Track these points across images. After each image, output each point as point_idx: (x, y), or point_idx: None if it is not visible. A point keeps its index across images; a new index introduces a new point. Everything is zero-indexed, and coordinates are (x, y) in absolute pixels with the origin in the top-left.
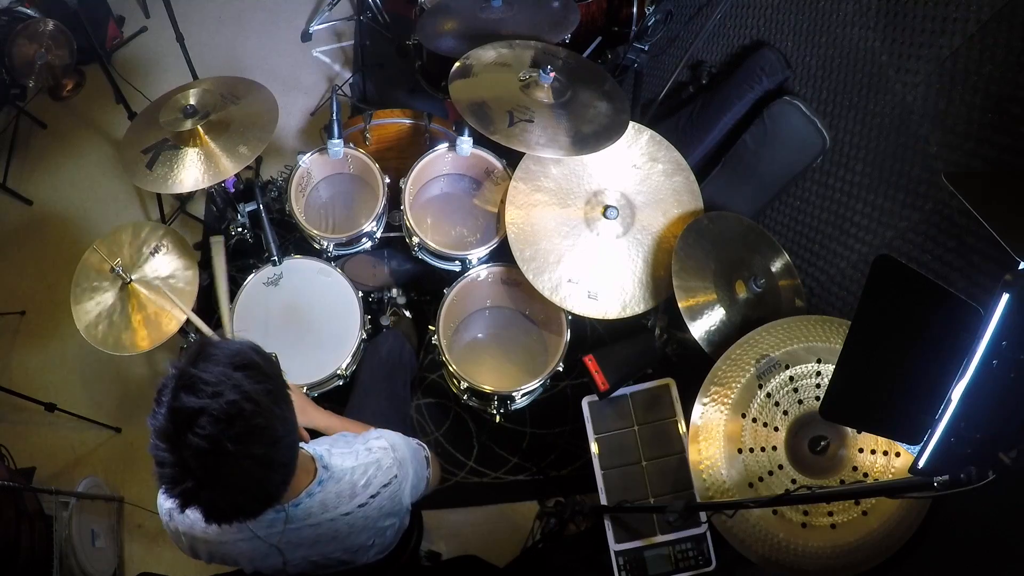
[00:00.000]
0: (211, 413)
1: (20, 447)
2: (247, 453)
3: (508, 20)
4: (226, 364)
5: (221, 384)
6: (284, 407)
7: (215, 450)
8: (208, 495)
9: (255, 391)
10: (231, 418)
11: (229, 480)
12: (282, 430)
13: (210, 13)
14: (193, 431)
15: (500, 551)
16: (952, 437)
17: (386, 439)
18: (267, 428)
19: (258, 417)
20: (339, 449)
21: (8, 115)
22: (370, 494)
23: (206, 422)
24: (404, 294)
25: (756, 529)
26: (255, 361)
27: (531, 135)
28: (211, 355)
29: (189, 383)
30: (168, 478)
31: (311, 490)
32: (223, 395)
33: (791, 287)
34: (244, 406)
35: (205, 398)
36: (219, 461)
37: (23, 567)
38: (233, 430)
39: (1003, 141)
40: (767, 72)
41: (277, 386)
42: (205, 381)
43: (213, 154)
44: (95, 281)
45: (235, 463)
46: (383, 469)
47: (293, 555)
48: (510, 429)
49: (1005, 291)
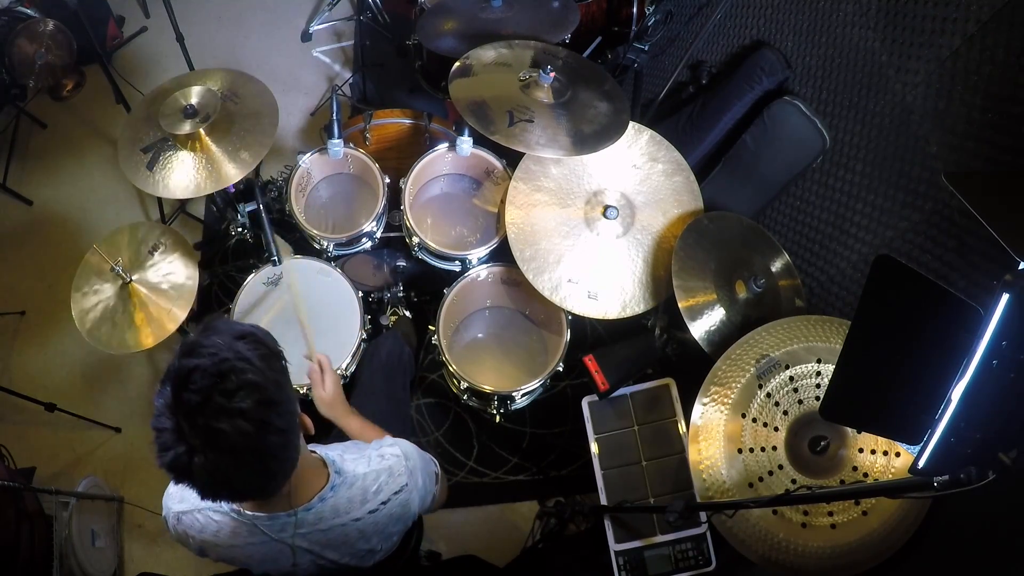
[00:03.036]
0: (204, 369)
1: (20, 447)
2: (239, 409)
3: (508, 20)
4: (228, 334)
5: (219, 347)
6: (281, 376)
7: (205, 404)
8: (200, 460)
9: (251, 354)
10: (223, 373)
11: (221, 440)
12: (277, 394)
13: (210, 13)
14: (187, 388)
15: (500, 551)
16: (952, 437)
17: (400, 447)
18: (260, 385)
19: (250, 373)
20: (351, 455)
21: (8, 115)
22: (381, 500)
23: (199, 377)
24: (404, 294)
25: (756, 529)
26: (256, 336)
27: (531, 135)
28: (216, 328)
29: (190, 348)
30: (161, 444)
31: (323, 495)
32: (218, 355)
33: (791, 287)
34: (237, 364)
35: (202, 358)
36: (210, 417)
37: (23, 567)
38: (224, 384)
39: (1003, 141)
40: (767, 72)
41: (275, 355)
42: (204, 345)
43: (214, 159)
44: (96, 284)
45: (227, 420)
46: (395, 476)
47: (302, 558)
48: (510, 429)
49: (1005, 291)
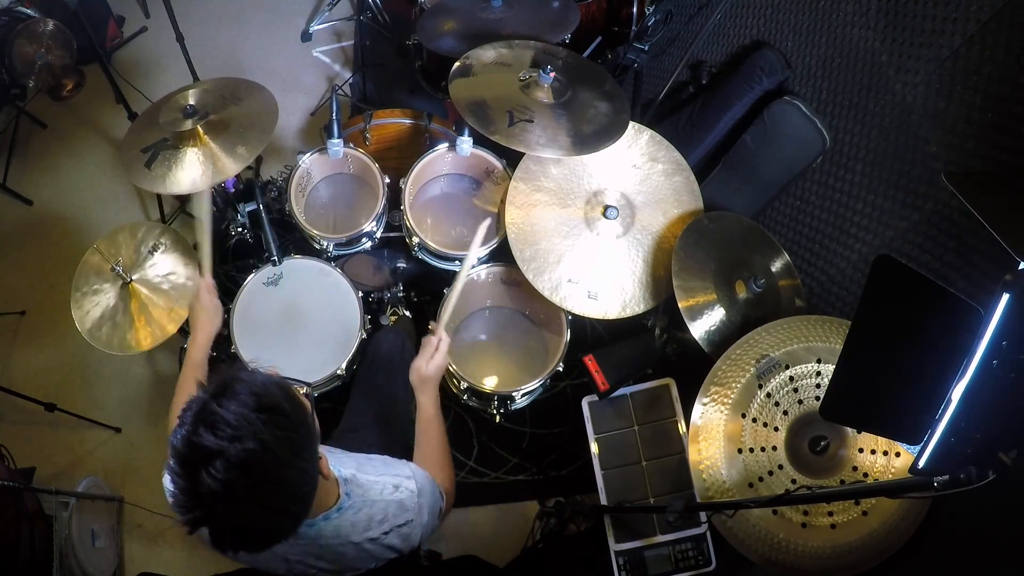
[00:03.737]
0: (227, 458)
1: (20, 447)
2: (258, 502)
3: (508, 20)
4: (250, 405)
5: (241, 428)
6: (304, 458)
7: (227, 494)
8: (215, 526)
9: (275, 440)
10: (247, 467)
11: (237, 520)
12: (298, 480)
13: (210, 13)
14: (208, 471)
15: (500, 551)
16: (952, 437)
17: (416, 482)
18: (283, 481)
19: (275, 468)
20: (366, 477)
21: (8, 115)
22: (383, 531)
23: (221, 466)
24: (404, 294)
25: (756, 529)
26: (280, 405)
27: (531, 135)
28: (236, 392)
29: (210, 420)
30: (180, 502)
31: (328, 515)
32: (242, 441)
33: (791, 287)
34: (262, 456)
35: (223, 440)
36: (229, 504)
37: (23, 567)
38: (247, 479)
39: (1003, 141)
40: (767, 72)
41: (300, 434)
42: (226, 421)
43: (213, 154)
44: (95, 284)
45: (245, 508)
46: (404, 511)
47: (297, 561)
48: (510, 429)
49: (1005, 291)
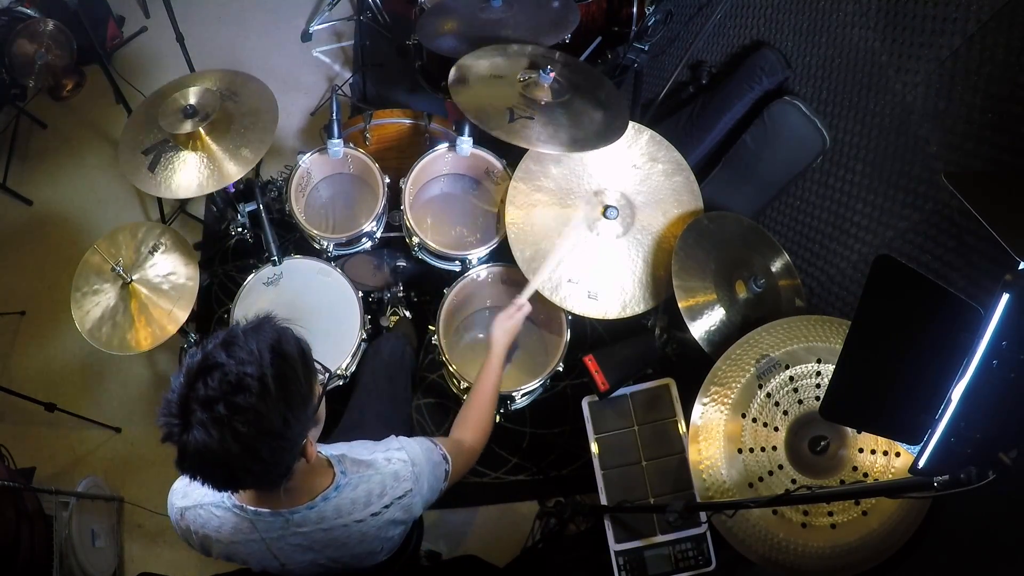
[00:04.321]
0: (225, 373)
1: (20, 447)
2: (232, 426)
3: (508, 20)
4: (268, 342)
5: (251, 356)
6: (294, 411)
7: (209, 404)
8: (184, 440)
9: (274, 379)
10: (238, 387)
11: (207, 439)
12: (279, 427)
13: (210, 13)
14: (204, 380)
15: (500, 551)
16: (952, 437)
17: (407, 452)
18: (263, 415)
19: (262, 401)
20: (357, 456)
21: (8, 115)
22: (384, 504)
23: (217, 378)
24: (404, 294)
25: (756, 529)
26: (293, 356)
27: (531, 131)
28: (263, 329)
29: (230, 341)
30: (165, 407)
31: (327, 495)
32: (244, 365)
33: (791, 287)
34: (254, 385)
35: (231, 359)
36: (208, 417)
37: (23, 567)
38: (233, 399)
39: (1003, 141)
40: (767, 72)
41: (299, 389)
42: (240, 346)
43: (215, 158)
44: (96, 284)
45: (218, 428)
46: (400, 481)
47: (299, 558)
48: (510, 429)
49: (1005, 291)
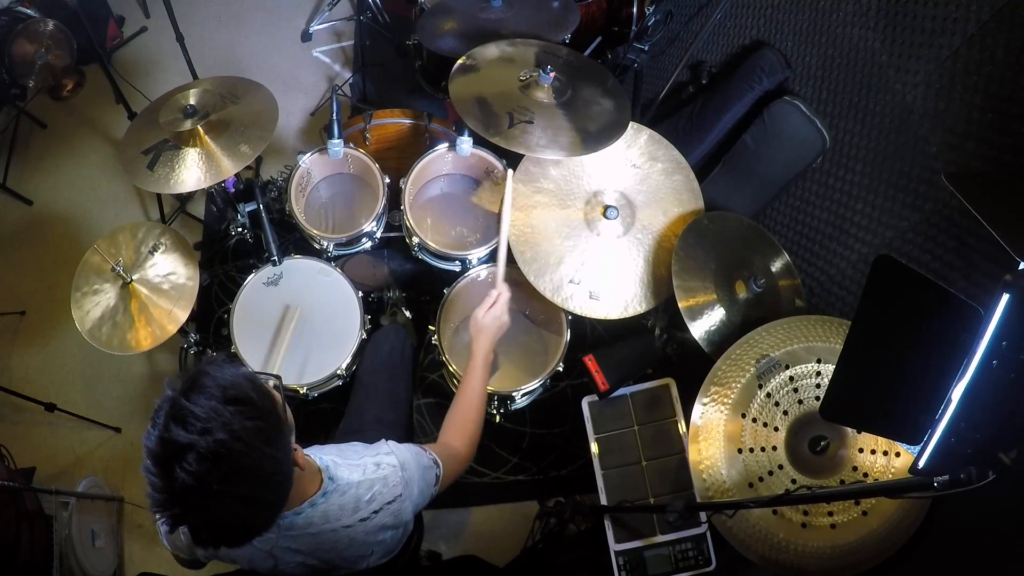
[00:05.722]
0: (198, 451)
1: (20, 447)
2: (233, 493)
3: (508, 20)
4: (218, 398)
5: (211, 420)
6: (276, 445)
7: (201, 487)
8: (194, 522)
9: (245, 430)
10: (218, 457)
11: (214, 514)
12: (271, 468)
13: (210, 13)
14: (181, 466)
15: (500, 551)
16: (952, 437)
17: (397, 456)
18: (255, 468)
19: (246, 457)
20: (347, 460)
21: (8, 115)
22: (373, 509)
23: (193, 459)
24: (404, 294)
25: (756, 529)
26: (248, 396)
27: (531, 136)
28: (204, 386)
29: (180, 415)
30: (157, 502)
31: (314, 500)
32: (211, 433)
33: (791, 287)
34: (232, 446)
35: (194, 434)
36: (205, 498)
37: (23, 567)
38: (220, 470)
39: (1003, 141)
40: (767, 72)
41: (270, 423)
42: (195, 415)
43: (213, 154)
44: (96, 284)
45: (220, 500)
46: (389, 487)
47: (290, 559)
48: (510, 429)
49: (1005, 291)
